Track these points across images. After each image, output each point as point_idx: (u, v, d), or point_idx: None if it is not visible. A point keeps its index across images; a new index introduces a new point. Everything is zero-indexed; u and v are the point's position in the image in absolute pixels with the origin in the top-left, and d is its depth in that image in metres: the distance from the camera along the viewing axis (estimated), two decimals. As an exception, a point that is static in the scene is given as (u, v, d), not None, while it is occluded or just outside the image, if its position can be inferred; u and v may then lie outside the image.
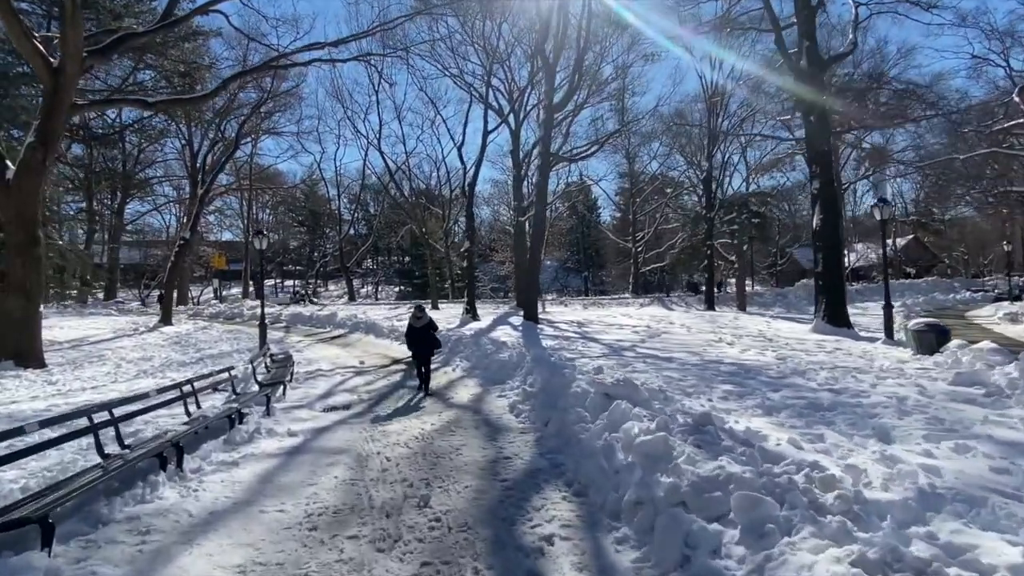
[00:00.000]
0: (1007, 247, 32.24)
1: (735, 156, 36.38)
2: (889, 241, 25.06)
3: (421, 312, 9.56)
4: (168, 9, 17.48)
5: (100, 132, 35.25)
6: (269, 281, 55.37)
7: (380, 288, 58.93)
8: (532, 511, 4.13)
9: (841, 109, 24.70)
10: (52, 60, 13.46)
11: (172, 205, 46.04)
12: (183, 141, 37.43)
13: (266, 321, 16.82)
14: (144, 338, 19.70)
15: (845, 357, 10.94)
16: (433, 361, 9.86)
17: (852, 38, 19.63)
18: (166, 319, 24.67)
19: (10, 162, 13.59)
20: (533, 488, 4.62)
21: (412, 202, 38.05)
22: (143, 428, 6.43)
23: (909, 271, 46.75)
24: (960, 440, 4.70)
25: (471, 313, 21.77)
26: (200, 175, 30.25)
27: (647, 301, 35.01)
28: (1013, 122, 24.84)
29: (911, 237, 50.23)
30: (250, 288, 45.60)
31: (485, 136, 24.80)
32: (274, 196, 52.19)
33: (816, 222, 16.99)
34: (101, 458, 4.66)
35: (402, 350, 10.99)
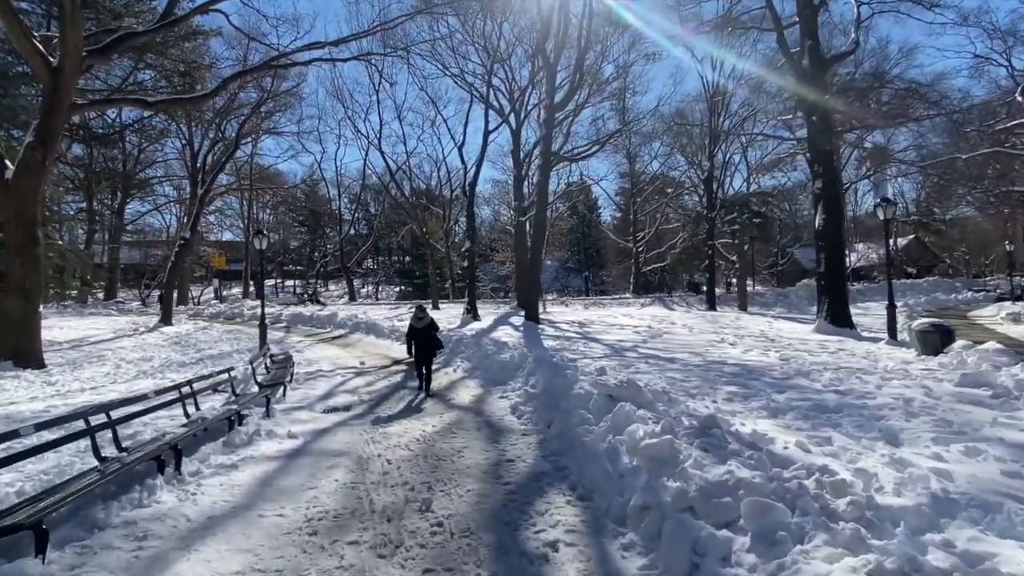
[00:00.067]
0: (1009, 247, 32.13)
1: (736, 156, 36.35)
2: (890, 241, 24.94)
3: (423, 312, 9.43)
4: (168, 8, 17.42)
5: (100, 132, 35.21)
6: (269, 281, 55.36)
7: (381, 288, 58.88)
8: (536, 516, 4.06)
9: (843, 109, 24.63)
10: (51, 59, 13.41)
11: (172, 205, 46.06)
12: (183, 141, 37.43)
13: (266, 321, 16.76)
14: (144, 338, 19.63)
15: (849, 358, 10.87)
16: (434, 362, 9.78)
17: (854, 37, 19.56)
18: (166, 319, 24.61)
19: (9, 162, 13.54)
20: (536, 492, 4.55)
21: (413, 202, 38.01)
22: (142, 430, 6.36)
23: (910, 271, 46.67)
24: (970, 443, 4.63)
25: (472, 313, 21.71)
26: (200, 175, 30.20)
27: (648, 301, 34.94)
28: (1015, 121, 24.77)
29: (912, 237, 50.15)
30: (250, 288, 45.56)
31: (486, 136, 24.75)
32: (274, 196, 52.17)
33: (819, 222, 16.92)
34: (98, 461, 4.59)
35: (403, 351, 10.92)
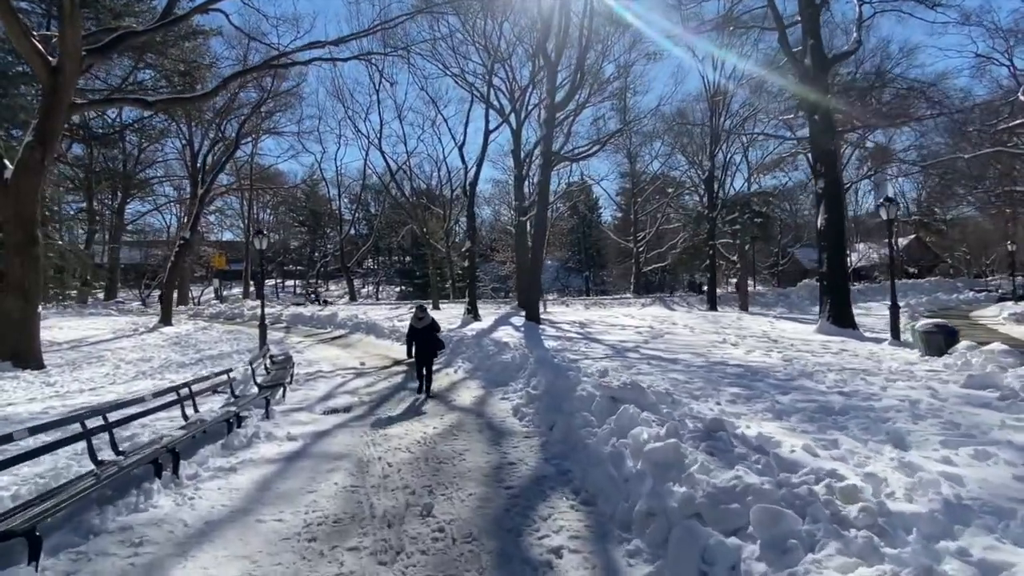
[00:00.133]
0: (1011, 247, 32.00)
1: (737, 156, 36.22)
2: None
3: (423, 312, 9.32)
4: (168, 8, 17.38)
5: (100, 132, 35.14)
6: (270, 281, 55.34)
7: (381, 288, 58.87)
8: (539, 521, 3.99)
9: (845, 108, 24.55)
10: (51, 59, 13.36)
11: (172, 205, 46.01)
12: (183, 141, 37.37)
13: (266, 322, 16.70)
14: (144, 339, 19.58)
15: (852, 359, 10.80)
16: (435, 363, 9.71)
17: (856, 36, 19.49)
18: (166, 319, 24.56)
19: (8, 161, 13.50)
20: (539, 496, 4.48)
21: (413, 202, 37.95)
22: (140, 432, 6.29)
23: (911, 271, 46.59)
24: (979, 446, 4.56)
25: (472, 313, 21.65)
26: (200, 175, 30.14)
27: (649, 301, 34.88)
28: (1018, 121, 24.68)
29: (913, 237, 50.06)
30: (251, 288, 45.52)
31: (486, 136, 24.70)
32: (275, 196, 52.13)
33: (821, 222, 16.84)
34: (94, 465, 4.52)
35: (403, 351, 10.84)
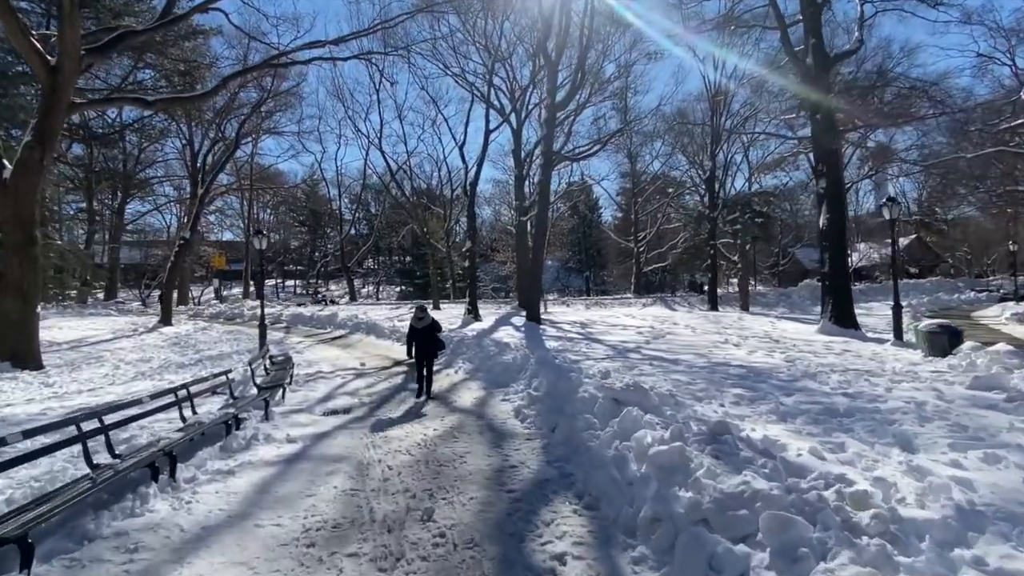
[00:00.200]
0: (1013, 247, 31.90)
1: (738, 156, 36.16)
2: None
3: (423, 312, 9.19)
4: (167, 7, 17.32)
5: (100, 132, 35.10)
6: (270, 281, 55.31)
7: (381, 288, 58.84)
8: (542, 526, 3.92)
9: (846, 108, 24.46)
10: (50, 58, 13.30)
11: (172, 205, 45.98)
12: (183, 141, 37.30)
13: (266, 322, 16.63)
14: (143, 339, 19.53)
15: (855, 359, 10.73)
16: (435, 363, 9.62)
17: (858, 36, 19.42)
18: (166, 320, 24.50)
19: (7, 161, 13.45)
20: (542, 500, 4.41)
21: (413, 202, 37.89)
22: (137, 434, 6.23)
23: (912, 271, 46.51)
24: (988, 449, 4.49)
25: (473, 313, 21.60)
26: (200, 175, 30.09)
27: (650, 301, 34.83)
28: (1020, 120, 24.59)
29: (914, 237, 49.97)
30: (251, 288, 45.46)
31: (487, 135, 24.65)
32: (275, 196, 52.10)
33: (823, 221, 16.77)
34: (90, 468, 4.45)
35: (403, 351, 10.77)
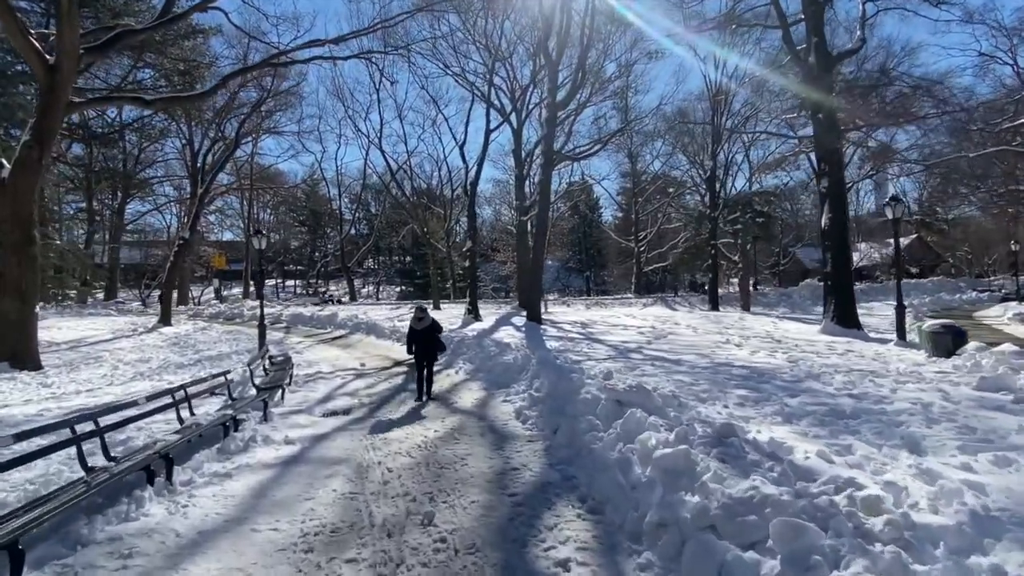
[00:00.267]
0: (1015, 247, 31.80)
1: (739, 155, 36.09)
2: (893, 240, 24.61)
3: (423, 313, 9.08)
4: (166, 6, 17.25)
5: (100, 131, 35.05)
6: (270, 281, 55.23)
7: (381, 288, 58.78)
8: (545, 530, 3.84)
9: (848, 107, 24.38)
10: (48, 57, 13.23)
11: (172, 205, 45.90)
12: (183, 140, 37.27)
13: (266, 322, 16.56)
14: (143, 339, 19.46)
15: (858, 359, 10.65)
16: (436, 364, 9.53)
17: (860, 35, 19.33)
18: (165, 320, 24.43)
19: (5, 160, 13.39)
20: (544, 504, 4.33)
21: (413, 202, 37.79)
22: (134, 436, 6.15)
23: (913, 271, 46.41)
24: (998, 452, 4.41)
25: (473, 313, 21.53)
26: (200, 175, 30.04)
27: (650, 301, 34.75)
28: (1023, 119, 24.51)
29: (914, 236, 49.85)
30: (251, 288, 45.39)
31: (487, 135, 24.59)
32: (275, 196, 52.02)
33: (825, 221, 16.69)
34: (84, 472, 4.38)
35: (403, 352, 10.72)
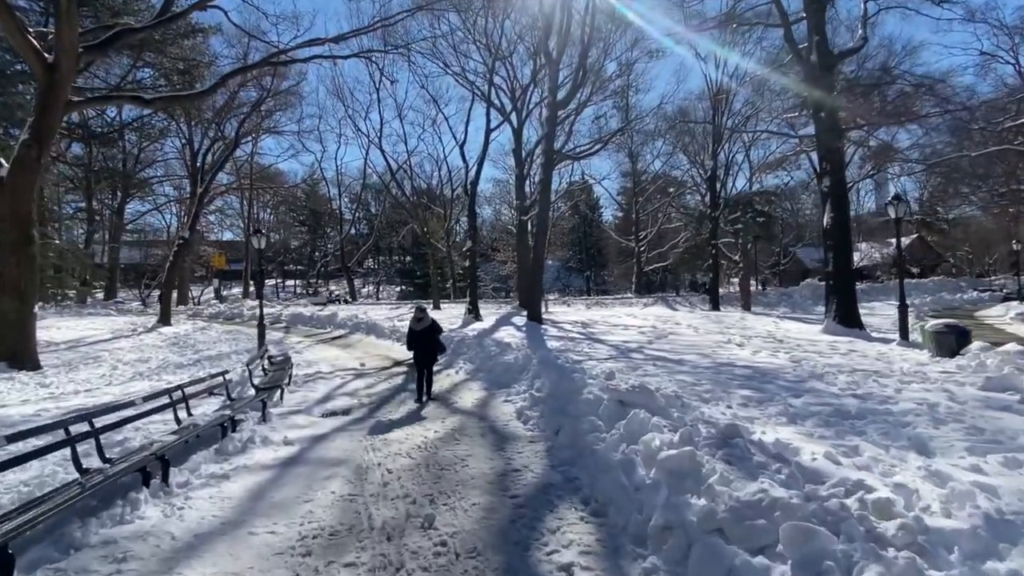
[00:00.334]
0: (1016, 246, 31.73)
1: (739, 155, 36.01)
2: (894, 240, 24.54)
3: (422, 313, 8.97)
4: (165, 5, 17.18)
5: (100, 131, 34.94)
6: (270, 281, 55.18)
7: (381, 288, 58.72)
8: (547, 533, 3.77)
9: (849, 106, 24.31)
10: (47, 56, 13.17)
11: (172, 205, 45.81)
12: (183, 140, 37.19)
13: (265, 322, 16.49)
14: (142, 339, 19.39)
15: (862, 359, 10.57)
16: (436, 364, 9.43)
17: (862, 33, 19.25)
18: (165, 319, 24.36)
19: (4, 159, 13.34)
20: (546, 506, 4.26)
21: (413, 201, 37.72)
22: (131, 437, 6.09)
23: (913, 271, 46.33)
24: (1008, 453, 4.34)
25: (473, 313, 21.46)
26: (200, 174, 29.97)
27: (651, 301, 34.67)
28: (1025, 119, 24.42)
29: (915, 236, 49.77)
30: (250, 288, 45.33)
31: (487, 134, 24.51)
32: (275, 196, 51.93)
33: (826, 220, 16.62)
34: (79, 473, 4.31)
35: (403, 351, 10.67)
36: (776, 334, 15.58)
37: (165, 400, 6.40)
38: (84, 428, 4.63)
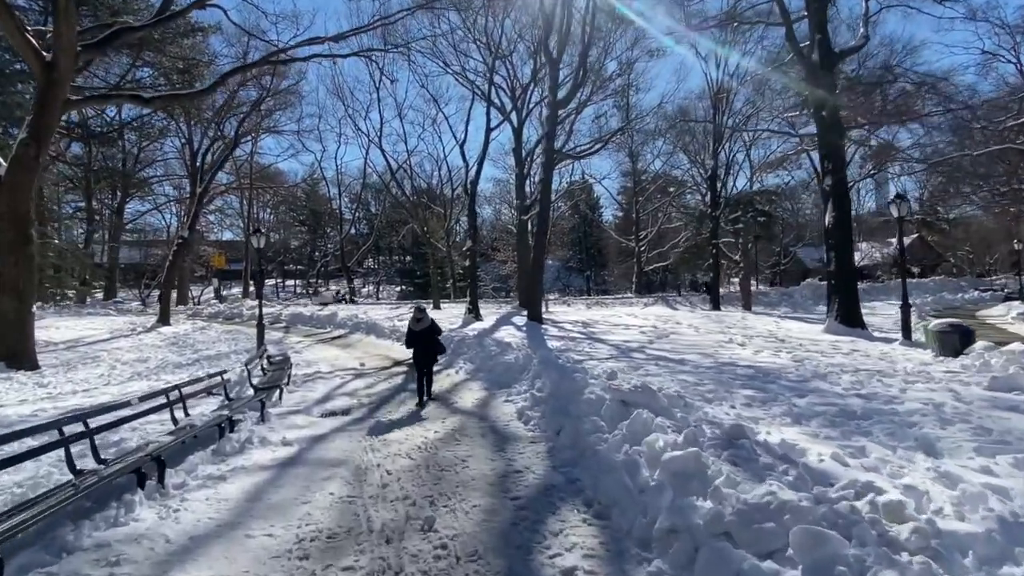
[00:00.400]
0: (1017, 246, 31.63)
1: (740, 155, 35.91)
2: (895, 240, 24.45)
3: (422, 313, 8.88)
4: (164, 3, 17.12)
5: (99, 130, 34.84)
6: (270, 281, 55.08)
7: (381, 288, 58.60)
8: (549, 536, 3.70)
9: (851, 105, 24.23)
10: (45, 55, 13.11)
11: (172, 204, 45.69)
12: (183, 140, 37.09)
13: (265, 321, 16.42)
14: (141, 339, 19.32)
15: (864, 359, 10.51)
16: (436, 364, 9.35)
17: (863, 32, 19.16)
18: (164, 319, 24.29)
19: (2, 158, 13.27)
20: (548, 508, 4.19)
21: (413, 201, 37.62)
22: (128, 437, 6.02)
23: (914, 270, 46.25)
24: (1018, 454, 4.26)
25: (474, 313, 21.38)
26: (200, 174, 29.90)
27: (651, 301, 34.59)
28: (1027, 118, 24.34)
29: (915, 236, 49.68)
30: (250, 288, 45.24)
31: (487, 134, 24.42)
32: (275, 195, 51.82)
33: (828, 220, 16.55)
34: (73, 475, 4.23)
35: (403, 351, 10.59)
36: (778, 334, 15.51)
37: (162, 400, 6.33)
38: (79, 428, 4.56)
